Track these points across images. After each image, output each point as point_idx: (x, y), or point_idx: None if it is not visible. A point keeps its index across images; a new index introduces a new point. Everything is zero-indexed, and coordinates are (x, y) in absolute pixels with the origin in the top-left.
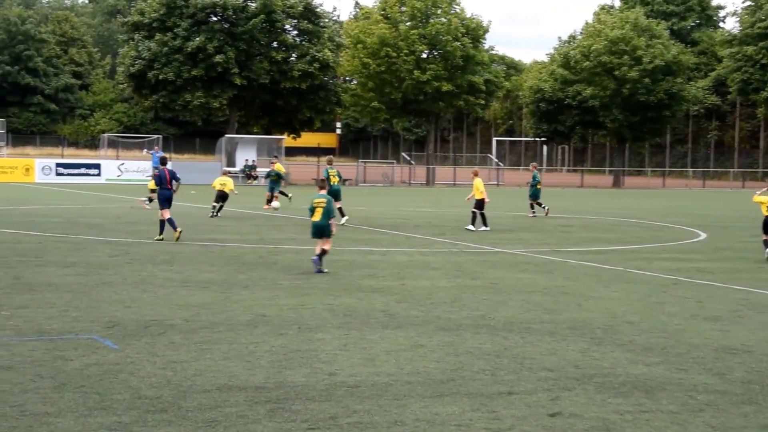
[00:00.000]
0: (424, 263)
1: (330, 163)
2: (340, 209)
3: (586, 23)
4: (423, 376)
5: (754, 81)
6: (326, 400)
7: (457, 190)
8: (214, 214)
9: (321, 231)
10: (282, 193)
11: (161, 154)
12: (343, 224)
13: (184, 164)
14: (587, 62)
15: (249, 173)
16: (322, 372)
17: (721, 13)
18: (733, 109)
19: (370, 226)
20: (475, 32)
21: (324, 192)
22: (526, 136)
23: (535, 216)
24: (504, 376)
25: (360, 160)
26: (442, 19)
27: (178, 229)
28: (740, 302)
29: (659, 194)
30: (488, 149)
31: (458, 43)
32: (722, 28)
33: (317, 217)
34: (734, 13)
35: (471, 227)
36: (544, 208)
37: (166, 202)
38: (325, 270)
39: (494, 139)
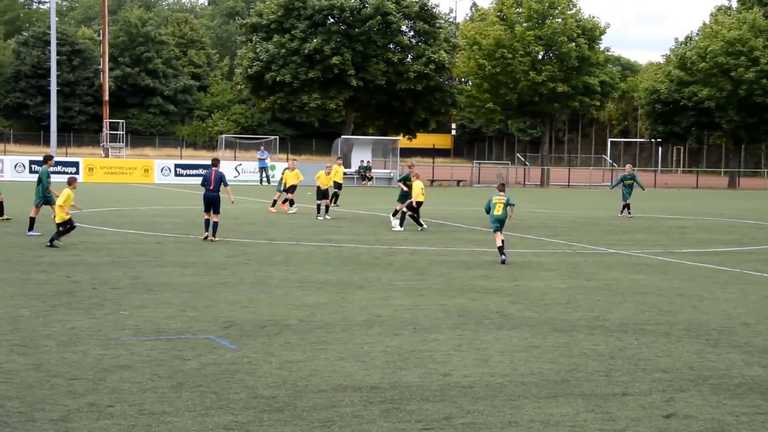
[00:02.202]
0: (538, 264)
1: (411, 168)
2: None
3: (703, 24)
4: (537, 376)
5: None
6: (440, 401)
7: (572, 191)
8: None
9: (502, 223)
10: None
11: (266, 154)
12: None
13: (301, 165)
14: (703, 63)
15: (364, 174)
16: (437, 372)
17: None
18: None
19: (483, 227)
20: (591, 33)
21: (503, 193)
22: (641, 137)
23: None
24: (618, 378)
25: (475, 161)
26: (558, 19)
27: (207, 234)
28: None
29: None
30: (603, 150)
31: (574, 44)
32: None
33: (498, 211)
34: None
35: (398, 227)
36: (625, 210)
37: (206, 203)
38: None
39: (609, 140)
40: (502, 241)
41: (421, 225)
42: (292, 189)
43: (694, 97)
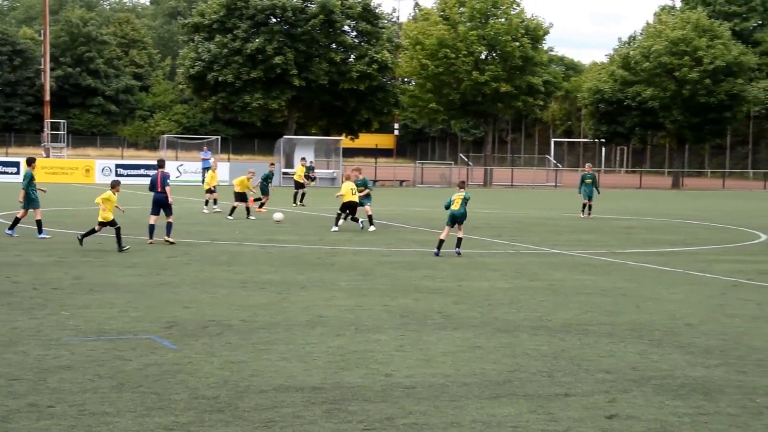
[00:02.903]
0: (482, 264)
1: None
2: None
3: (647, 24)
4: (480, 377)
5: None
6: (382, 401)
7: (516, 191)
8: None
9: (456, 218)
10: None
11: (209, 154)
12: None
13: (243, 165)
14: (647, 63)
15: (307, 174)
16: (379, 373)
17: None
18: None
19: (428, 228)
20: (534, 33)
21: (462, 190)
22: (584, 138)
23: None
24: (561, 378)
25: (417, 161)
26: (502, 19)
27: (151, 240)
28: None
29: (719, 195)
30: (546, 150)
31: (517, 44)
32: None
33: (456, 206)
34: None
35: (335, 228)
36: (585, 210)
37: (155, 206)
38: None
39: (552, 140)
40: (459, 239)
41: (358, 221)
42: (240, 196)
43: (638, 97)
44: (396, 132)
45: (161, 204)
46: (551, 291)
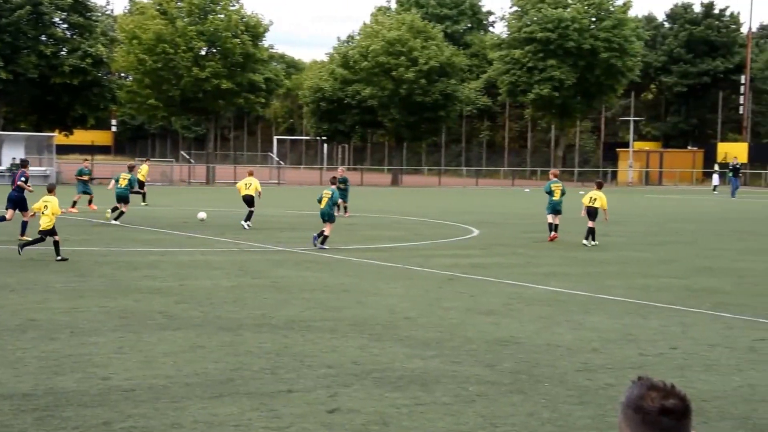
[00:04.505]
0: (205, 263)
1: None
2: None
3: (364, 24)
4: (202, 377)
5: (522, 83)
6: (99, 406)
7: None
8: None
9: (324, 215)
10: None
11: None
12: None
13: None
14: (366, 62)
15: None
16: (96, 377)
17: (491, 18)
18: (503, 110)
19: (150, 227)
20: (255, 30)
21: (334, 187)
22: (306, 135)
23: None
24: (284, 375)
25: (137, 159)
26: (221, 15)
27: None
28: (512, 296)
29: (436, 192)
30: (269, 148)
31: (238, 41)
32: (492, 32)
33: (322, 204)
34: (502, 18)
35: (247, 224)
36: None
37: (9, 202)
38: (326, 247)
39: (275, 137)
40: (323, 232)
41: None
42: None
43: (358, 96)
44: (114, 128)
45: (11, 200)
46: (275, 288)
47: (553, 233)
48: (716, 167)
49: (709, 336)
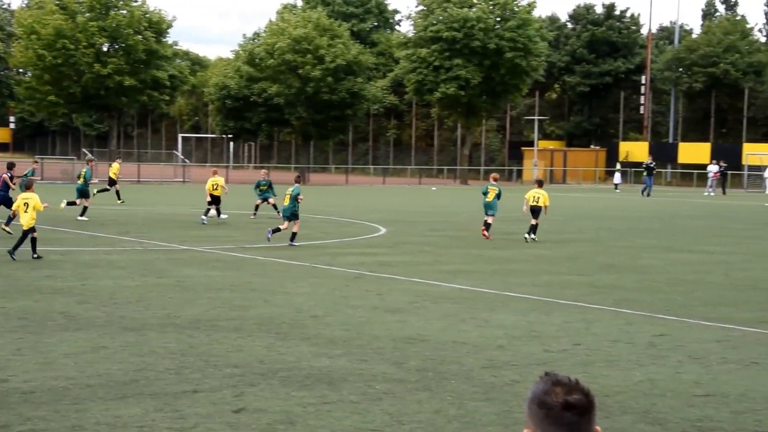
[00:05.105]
0: (108, 262)
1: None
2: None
3: (270, 21)
4: (104, 378)
5: (428, 82)
6: None
7: (143, 187)
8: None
9: (288, 212)
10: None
11: None
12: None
13: None
14: (272, 60)
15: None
16: None
17: (397, 17)
18: (410, 109)
19: (52, 226)
20: (158, 26)
21: (298, 185)
22: (212, 133)
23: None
24: (189, 375)
25: (37, 157)
26: (123, 11)
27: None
28: (419, 294)
29: (343, 190)
30: (174, 146)
31: (140, 37)
32: (398, 30)
33: (286, 202)
34: (409, 17)
35: (221, 217)
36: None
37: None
38: (296, 243)
39: (180, 135)
40: (293, 233)
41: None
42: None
43: (264, 94)
44: (12, 125)
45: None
46: (180, 288)
47: (482, 228)
48: (618, 166)
49: (611, 332)
